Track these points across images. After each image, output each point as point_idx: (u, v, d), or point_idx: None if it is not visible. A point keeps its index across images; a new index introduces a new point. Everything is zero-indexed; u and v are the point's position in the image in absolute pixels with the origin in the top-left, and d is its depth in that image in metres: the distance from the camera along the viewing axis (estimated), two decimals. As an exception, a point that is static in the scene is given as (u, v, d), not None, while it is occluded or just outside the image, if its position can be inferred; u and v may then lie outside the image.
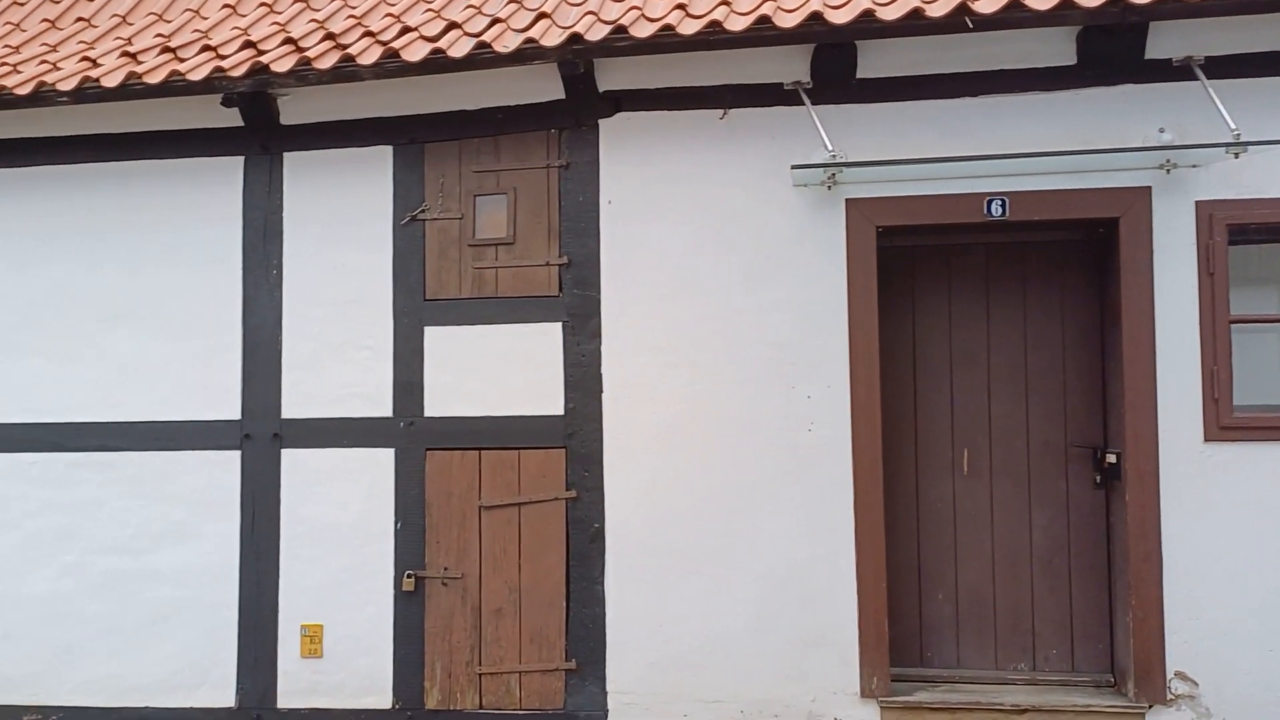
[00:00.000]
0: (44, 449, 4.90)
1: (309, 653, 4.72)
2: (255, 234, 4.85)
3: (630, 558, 4.53)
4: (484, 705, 4.63)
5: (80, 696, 4.83)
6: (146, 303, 4.87)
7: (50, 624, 4.85)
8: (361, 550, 4.73)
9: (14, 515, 4.89)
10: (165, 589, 4.81)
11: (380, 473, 4.76)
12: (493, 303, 4.73)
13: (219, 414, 4.84)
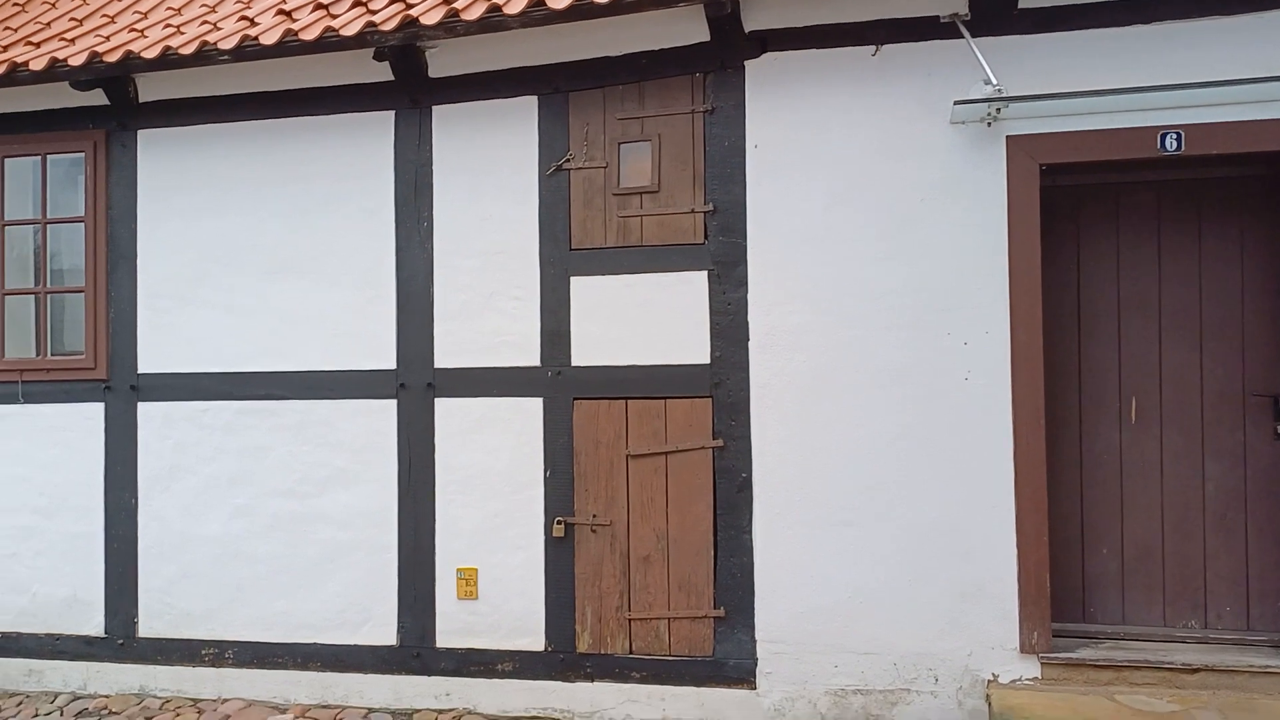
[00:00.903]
0: (216, 397, 5.40)
1: (465, 595, 5.12)
2: (406, 187, 5.20)
3: (779, 507, 4.75)
4: (634, 650, 4.93)
5: (253, 632, 5.35)
6: (306, 256, 5.30)
7: (224, 564, 5.38)
8: (512, 497, 5.08)
9: (190, 460, 5.42)
10: (329, 531, 5.27)
11: (529, 421, 5.08)
12: (637, 251, 4.96)
13: (376, 364, 5.24)
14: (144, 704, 5.26)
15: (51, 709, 5.24)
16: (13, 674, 5.56)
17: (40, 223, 5.58)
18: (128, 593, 5.45)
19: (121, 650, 5.45)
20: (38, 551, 5.54)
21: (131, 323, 5.47)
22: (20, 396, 5.56)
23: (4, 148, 5.58)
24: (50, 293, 5.60)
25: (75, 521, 5.51)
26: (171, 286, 5.45)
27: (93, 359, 5.46)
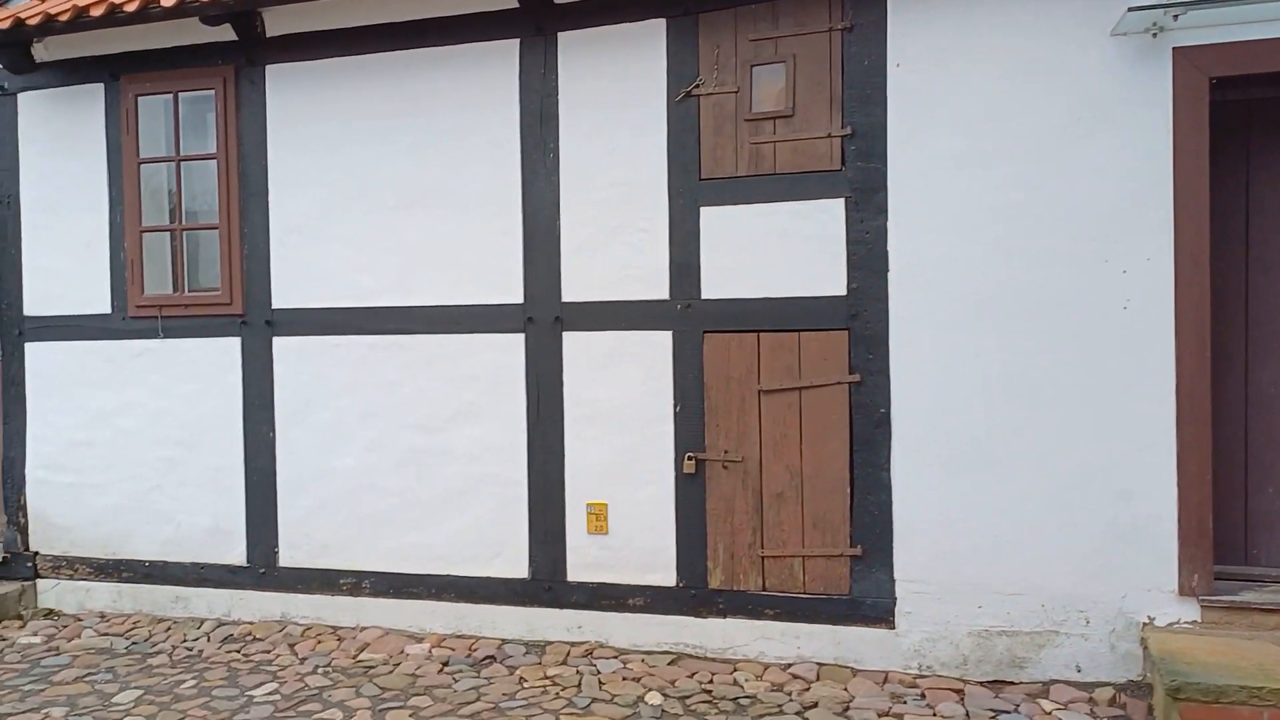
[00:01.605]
0: (348, 332, 5.66)
1: (595, 530, 5.30)
2: (532, 118, 5.31)
3: (919, 444, 4.77)
4: (767, 587, 5.05)
5: (388, 563, 5.65)
6: (433, 189, 5.47)
7: (359, 496, 5.68)
8: (642, 432, 5.22)
9: (324, 395, 5.71)
10: (459, 465, 5.50)
11: (658, 355, 5.19)
12: (770, 179, 4.98)
13: (503, 298, 5.40)
14: (286, 630, 5.61)
15: (199, 634, 5.64)
16: (161, 600, 6.00)
17: (174, 160, 5.88)
18: (268, 523, 5.80)
19: (263, 578, 5.81)
20: (181, 482, 5.93)
21: (265, 258, 5.74)
22: (160, 332, 5.91)
23: (137, 86, 5.85)
24: (185, 230, 5.91)
25: (216, 454, 5.86)
26: (302, 222, 5.68)
27: (228, 295, 5.77)
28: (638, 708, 4.51)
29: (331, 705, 4.61)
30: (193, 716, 4.49)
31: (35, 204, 6.10)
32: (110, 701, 4.69)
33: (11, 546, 6.14)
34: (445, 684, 4.85)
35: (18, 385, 6.16)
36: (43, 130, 6.05)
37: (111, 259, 5.96)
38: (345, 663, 5.15)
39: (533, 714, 4.45)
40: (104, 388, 6.01)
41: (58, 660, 5.28)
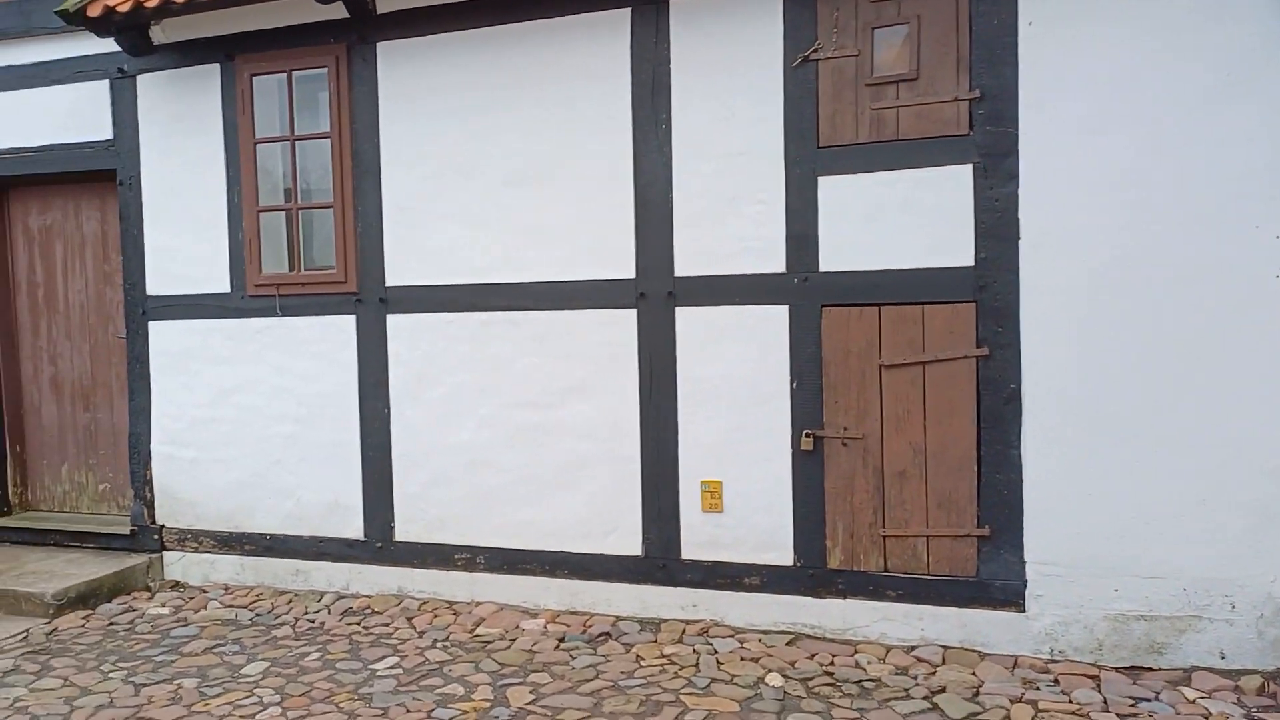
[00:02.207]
0: (460, 309, 5.70)
1: (709, 508, 5.26)
2: (644, 88, 5.24)
3: (1051, 421, 4.60)
4: (889, 568, 4.95)
5: (502, 539, 5.70)
6: (543, 163, 5.45)
7: (473, 471, 5.74)
8: (757, 409, 5.15)
9: (438, 371, 5.77)
10: (572, 442, 5.51)
11: (774, 330, 5.11)
12: (892, 146, 4.84)
13: (615, 273, 5.37)
14: (403, 604, 5.71)
15: (319, 607, 5.78)
16: (282, 573, 6.17)
17: (288, 139, 5.96)
18: (384, 498, 5.90)
19: (380, 553, 5.93)
20: (300, 458, 6.06)
21: (378, 236, 5.80)
22: (278, 310, 6.03)
23: (251, 66, 5.96)
24: (300, 209, 6.01)
25: (334, 429, 5.98)
26: (415, 199, 5.73)
27: (343, 273, 5.85)
28: (758, 689, 4.46)
29: (452, 680, 4.67)
30: (319, 689, 4.59)
31: (156, 185, 6.26)
32: (239, 673, 4.83)
33: (139, 520, 6.37)
34: (562, 661, 4.87)
35: (142, 363, 6.36)
36: (162, 112, 6.21)
37: (230, 238, 6.09)
38: (463, 637, 5.22)
39: (652, 693, 4.44)
40: (225, 365, 6.16)
41: (186, 631, 5.46)
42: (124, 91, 6.27)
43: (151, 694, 4.61)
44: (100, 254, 6.63)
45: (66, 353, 6.75)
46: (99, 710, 4.43)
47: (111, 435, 6.66)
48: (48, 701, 4.52)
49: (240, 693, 4.59)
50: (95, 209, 6.59)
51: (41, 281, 6.80)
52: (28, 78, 6.47)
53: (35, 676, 4.84)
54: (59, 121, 6.43)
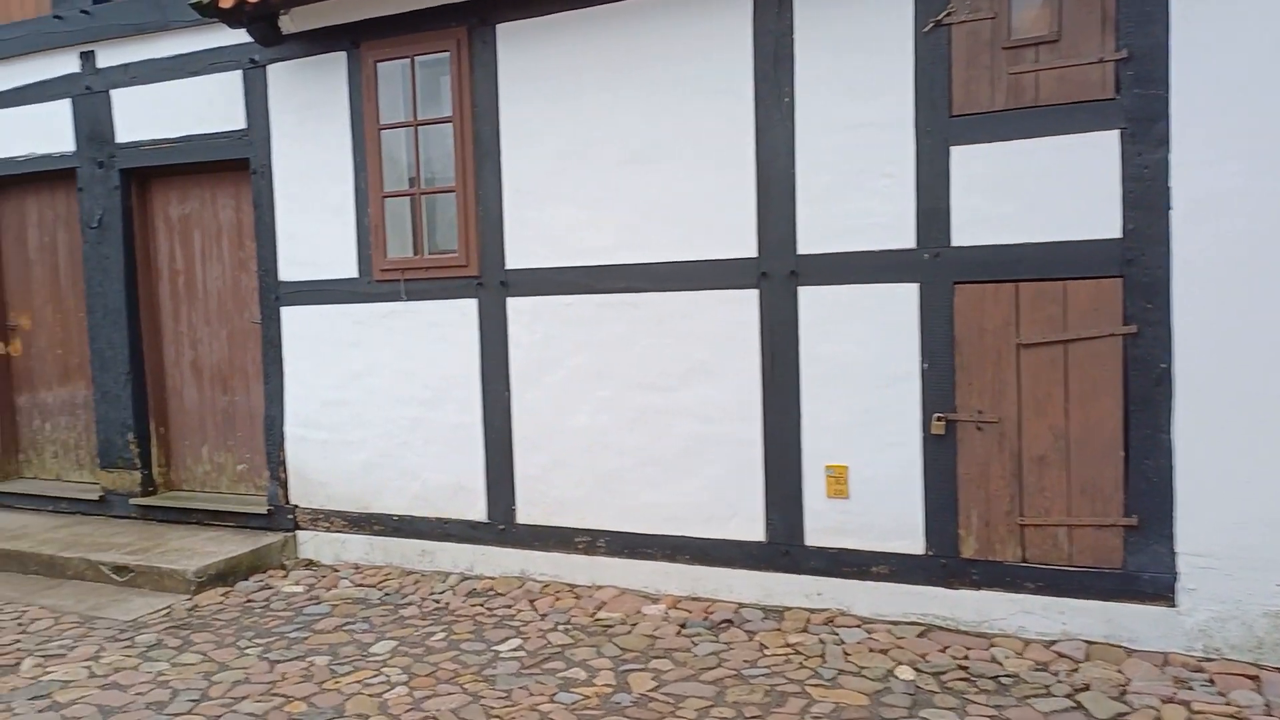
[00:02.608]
0: (577, 291, 5.66)
1: (834, 493, 5.09)
2: (765, 61, 5.08)
3: (1206, 403, 4.30)
4: (1027, 558, 4.71)
5: (623, 522, 5.66)
6: (661, 141, 5.35)
7: (593, 454, 5.70)
8: (885, 391, 4.95)
9: (557, 354, 5.75)
10: (692, 425, 5.41)
11: (903, 309, 4.91)
12: (1031, 113, 4.58)
13: (735, 252, 5.24)
14: (525, 587, 5.73)
15: (445, 588, 5.85)
16: (409, 554, 6.27)
17: (412, 125, 6.02)
18: (506, 481, 5.93)
19: (502, 535, 5.96)
20: (426, 440, 6.14)
21: (498, 219, 5.82)
22: (403, 294, 6.11)
23: (376, 52, 6.03)
24: (424, 194, 6.06)
25: (457, 412, 6.04)
26: (532, 182, 5.72)
27: (465, 256, 5.89)
28: (888, 682, 4.30)
29: (574, 664, 4.65)
30: (445, 669, 4.63)
31: (287, 173, 6.42)
32: (368, 651, 4.92)
33: (274, 500, 6.57)
34: (684, 647, 4.80)
35: (275, 348, 6.54)
36: (292, 100, 6.35)
37: (357, 224, 6.21)
38: (584, 621, 5.20)
39: (777, 683, 4.33)
40: (353, 349, 6.29)
41: (318, 609, 5.60)
42: (256, 82, 6.44)
43: (285, 670, 4.72)
44: (235, 241, 6.84)
45: (205, 338, 7.00)
46: (235, 685, 4.56)
47: (248, 417, 6.88)
48: (188, 676, 4.68)
49: (369, 671, 4.66)
50: (230, 197, 6.80)
51: (182, 269, 7.06)
52: (166, 70, 6.71)
53: (177, 651, 5.02)
54: (196, 113, 6.65)
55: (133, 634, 5.30)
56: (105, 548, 6.41)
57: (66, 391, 7.63)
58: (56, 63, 7.15)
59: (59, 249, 7.56)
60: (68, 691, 4.53)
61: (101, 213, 7.03)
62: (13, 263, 7.78)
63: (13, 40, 7.24)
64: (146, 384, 7.11)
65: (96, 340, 7.14)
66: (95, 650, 5.06)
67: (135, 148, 6.91)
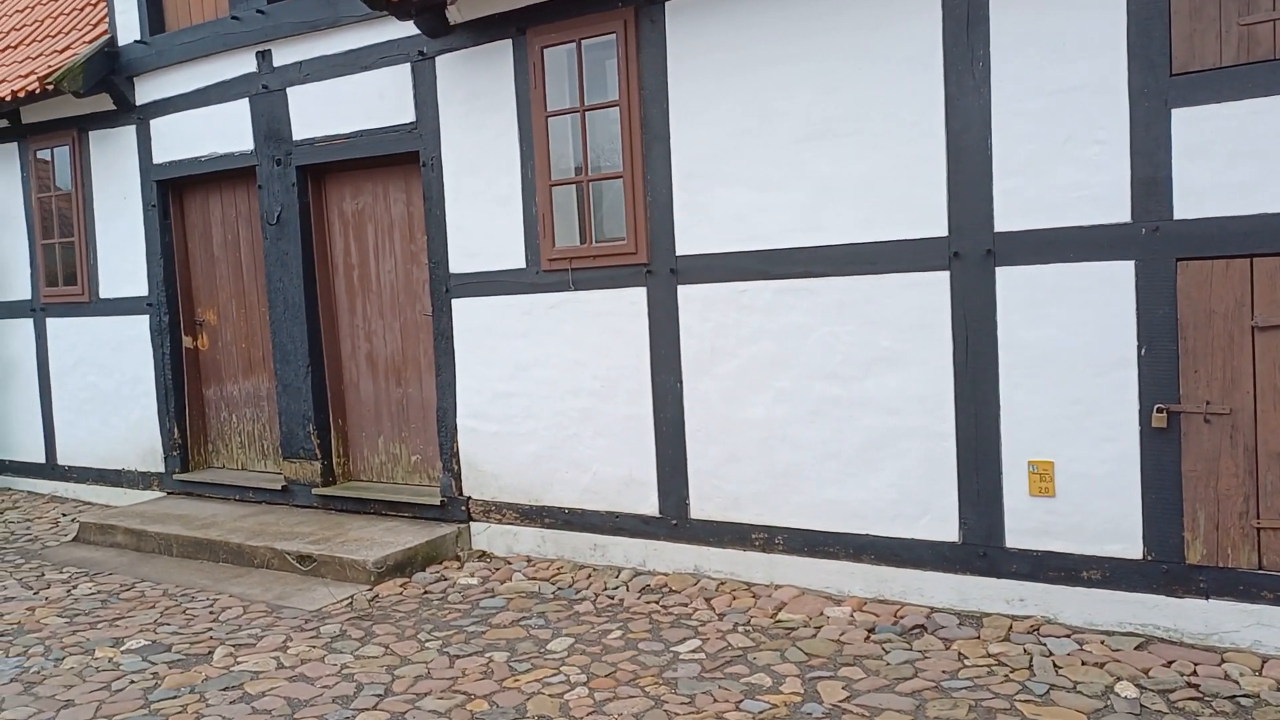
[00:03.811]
0: (751, 277, 5.40)
1: (1038, 491, 4.68)
2: (956, 24, 4.70)
3: None
4: (1264, 565, 4.22)
5: (801, 519, 5.37)
6: (842, 116, 5.02)
7: (769, 448, 5.44)
8: (1096, 380, 4.52)
9: (730, 343, 5.50)
10: (877, 417, 5.08)
11: (1116, 289, 4.47)
12: (1267, 68, 4.08)
13: (923, 232, 4.88)
14: (700, 584, 5.53)
15: (618, 583, 5.70)
16: (580, 547, 6.15)
17: (578, 111, 5.87)
18: (678, 474, 5.73)
19: (675, 530, 5.77)
20: (595, 432, 6.00)
21: (668, 205, 5.61)
22: (571, 284, 5.97)
23: (542, 38, 5.90)
24: (591, 180, 5.91)
25: (627, 404, 5.87)
26: (703, 164, 5.48)
27: (633, 244, 5.70)
28: (1108, 699, 3.90)
29: (757, 669, 4.42)
30: (624, 670, 4.48)
31: (456, 164, 6.38)
32: (545, 648, 4.81)
33: (447, 492, 6.57)
34: (874, 654, 4.50)
35: (447, 340, 6.53)
36: (459, 91, 6.30)
37: (525, 214, 6.11)
38: (764, 622, 4.96)
39: (982, 698, 3.98)
40: (522, 340, 6.21)
41: (493, 603, 5.54)
42: (424, 74, 6.42)
43: (465, 666, 4.66)
44: (407, 234, 6.86)
45: (379, 330, 7.07)
46: (417, 681, 4.53)
47: (421, 409, 6.91)
48: (371, 670, 4.67)
49: (547, 669, 4.55)
50: (401, 191, 6.82)
51: (356, 263, 7.14)
52: (338, 66, 6.77)
53: (359, 643, 5.04)
54: (366, 107, 6.69)
55: (317, 624, 5.35)
56: (289, 537, 6.54)
57: (250, 384, 7.86)
58: (235, 63, 7.31)
59: (241, 246, 7.78)
60: (258, 683, 4.58)
61: (280, 209, 7.17)
62: (198, 260, 8.06)
63: (194, 43, 7.46)
64: (325, 376, 7.23)
65: (278, 334, 7.31)
66: (282, 640, 5.13)
67: (310, 144, 7.01)
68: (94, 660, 4.95)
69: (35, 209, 8.73)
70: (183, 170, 7.75)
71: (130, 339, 8.20)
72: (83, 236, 8.39)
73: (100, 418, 8.52)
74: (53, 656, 5.03)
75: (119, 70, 7.85)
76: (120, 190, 8.14)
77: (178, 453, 8.03)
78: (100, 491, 8.64)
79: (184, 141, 7.70)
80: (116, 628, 5.44)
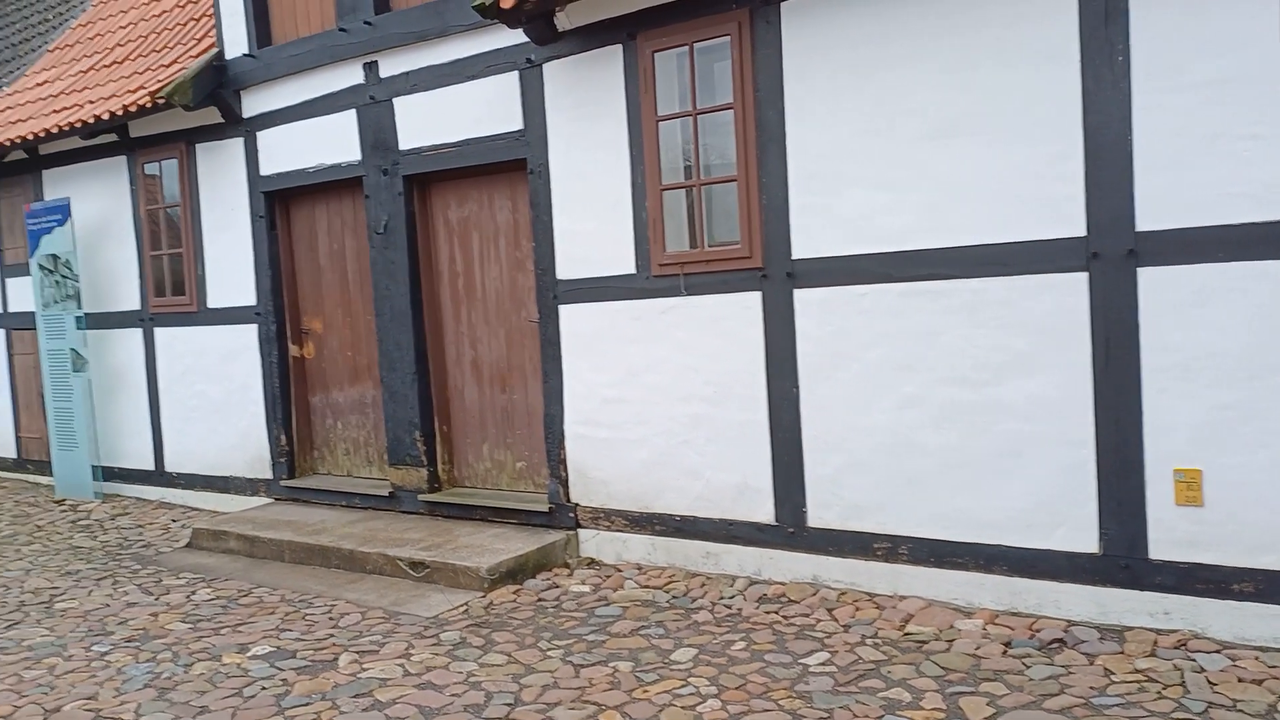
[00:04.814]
0: (873, 280, 5.26)
1: (1185, 500, 4.47)
2: (1094, 16, 4.54)
3: None
4: None
5: (927, 529, 5.21)
6: (972, 112, 4.87)
7: (893, 455, 5.28)
8: (1250, 384, 4.32)
9: (851, 347, 5.36)
10: (1010, 423, 4.90)
11: (1272, 289, 4.23)
12: None
13: (1059, 232, 4.72)
14: (820, 594, 5.39)
15: (733, 593, 5.59)
16: (692, 555, 6.05)
17: (690, 114, 5.79)
18: (795, 481, 5.60)
19: (792, 538, 5.64)
20: (708, 439, 5.91)
21: (783, 207, 5.49)
22: (682, 289, 5.89)
23: (653, 42, 5.84)
24: (703, 184, 5.81)
25: (741, 410, 5.77)
26: (821, 165, 5.37)
27: (747, 247, 5.60)
28: (1272, 718, 3.66)
29: (893, 683, 4.28)
30: (753, 683, 4.37)
31: (563, 171, 6.35)
32: (669, 659, 4.73)
33: (555, 498, 6.52)
34: (1015, 669, 4.33)
35: (554, 346, 6.48)
36: (567, 98, 6.26)
37: (634, 219, 6.05)
38: (892, 634, 4.81)
39: (1136, 715, 3.83)
40: (632, 345, 6.14)
41: (609, 611, 5.47)
42: (532, 81, 6.40)
43: (590, 676, 4.59)
44: (512, 241, 6.85)
45: (485, 337, 7.06)
46: (545, 690, 4.47)
47: (526, 415, 6.88)
48: (497, 678, 4.63)
49: (675, 681, 4.47)
50: (507, 198, 6.81)
51: (461, 271, 7.15)
52: (444, 76, 6.79)
53: (481, 651, 5.00)
54: (473, 116, 6.69)
55: (437, 631, 5.33)
56: (400, 543, 6.55)
57: (356, 391, 7.91)
58: (342, 75, 7.37)
59: (347, 255, 7.84)
60: (387, 690, 4.56)
61: (387, 218, 7.21)
62: (305, 270, 8.15)
63: (301, 55, 7.54)
64: (430, 383, 7.25)
65: (384, 341, 7.34)
66: (405, 647, 5.11)
67: (416, 154, 7.03)
68: (222, 666, 4.98)
69: (144, 221, 8.89)
70: (290, 181, 7.83)
71: (238, 348, 8.31)
72: (191, 247, 8.53)
73: (208, 425, 8.64)
74: (182, 662, 5.07)
75: (226, 84, 7.96)
76: (228, 202, 8.26)
77: (285, 459, 8.11)
78: (207, 498, 8.76)
79: (291, 153, 7.78)
80: (240, 633, 5.48)
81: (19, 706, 4.62)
